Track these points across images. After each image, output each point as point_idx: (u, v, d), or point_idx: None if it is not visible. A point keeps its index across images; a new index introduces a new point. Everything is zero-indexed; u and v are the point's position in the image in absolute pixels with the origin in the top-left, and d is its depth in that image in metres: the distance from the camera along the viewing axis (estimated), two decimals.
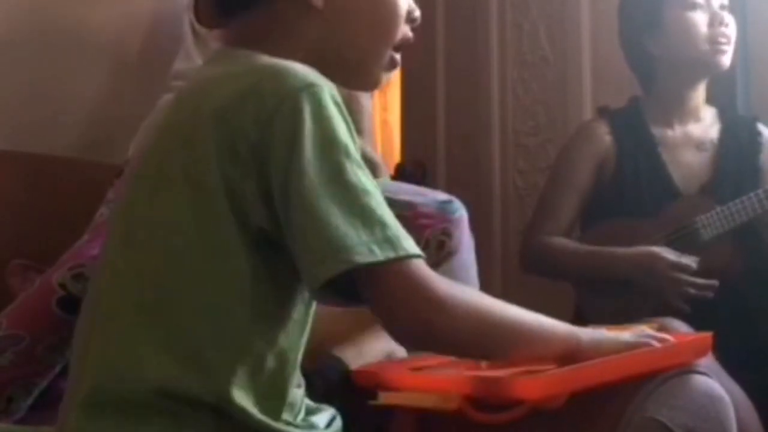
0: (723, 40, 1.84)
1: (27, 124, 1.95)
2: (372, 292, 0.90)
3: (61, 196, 1.90)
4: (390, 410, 1.07)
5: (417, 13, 1.10)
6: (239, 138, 0.90)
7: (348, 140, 0.91)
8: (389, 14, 1.06)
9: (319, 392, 1.13)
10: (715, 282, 1.77)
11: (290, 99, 0.90)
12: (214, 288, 0.91)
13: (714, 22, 1.84)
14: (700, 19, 1.84)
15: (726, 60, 1.86)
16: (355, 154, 0.91)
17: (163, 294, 0.91)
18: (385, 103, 3.19)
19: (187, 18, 1.86)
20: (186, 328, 0.90)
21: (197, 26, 1.82)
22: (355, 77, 1.10)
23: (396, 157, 2.98)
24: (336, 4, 1.03)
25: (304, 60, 0.99)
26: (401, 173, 2.65)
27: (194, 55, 1.81)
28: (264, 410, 0.92)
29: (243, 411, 0.90)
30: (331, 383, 1.17)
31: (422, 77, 2.68)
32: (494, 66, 2.57)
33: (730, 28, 1.85)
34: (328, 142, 0.90)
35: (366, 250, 0.87)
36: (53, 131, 1.98)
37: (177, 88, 1.76)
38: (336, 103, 0.92)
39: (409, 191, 1.70)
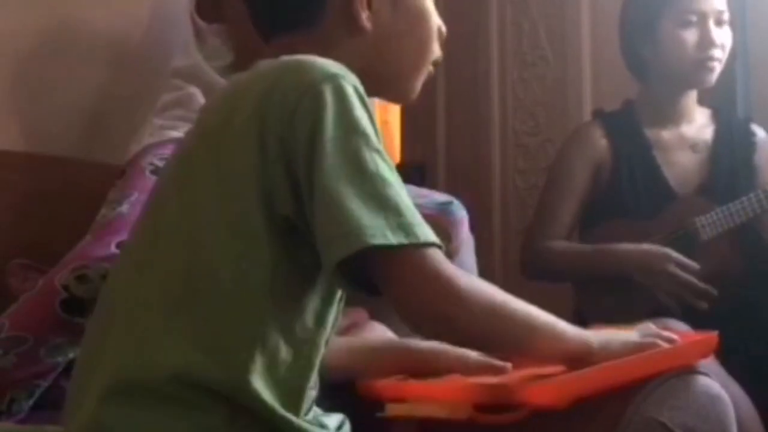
0: (709, 63, 1.86)
1: (27, 124, 1.94)
2: (385, 277, 0.91)
3: (61, 196, 1.90)
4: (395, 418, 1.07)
5: (443, 29, 1.15)
6: (267, 133, 0.92)
7: (369, 129, 0.93)
8: (427, 34, 1.11)
9: (324, 397, 1.13)
10: (712, 290, 1.77)
11: (312, 89, 0.92)
12: (234, 277, 0.92)
13: (703, 44, 1.85)
14: (690, 39, 1.86)
15: (711, 78, 1.88)
16: (376, 143, 0.93)
17: (189, 285, 0.93)
18: (385, 103, 3.19)
19: (188, 14, 1.85)
20: (207, 317, 0.92)
21: (198, 21, 1.81)
22: (393, 91, 1.14)
23: (396, 157, 2.98)
24: (381, 26, 1.07)
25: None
26: (402, 173, 2.65)
27: (194, 52, 1.81)
28: (281, 403, 0.92)
29: (259, 400, 0.91)
30: (335, 390, 1.16)
31: None
32: (494, 66, 2.57)
33: (721, 49, 1.87)
34: (348, 130, 0.92)
35: (380, 234, 0.88)
36: (53, 131, 1.98)
37: (176, 87, 1.77)
38: (359, 94, 0.94)
39: (409, 192, 1.69)
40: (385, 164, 0.92)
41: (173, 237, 0.95)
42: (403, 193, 0.92)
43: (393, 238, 0.88)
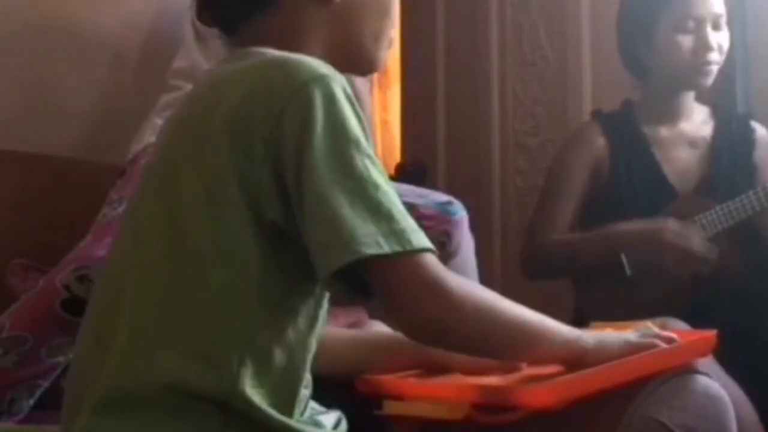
0: (705, 68, 1.87)
1: (27, 124, 1.95)
2: (380, 285, 0.90)
3: (61, 196, 1.90)
4: (393, 417, 1.07)
5: None
6: (253, 134, 0.91)
7: (359, 133, 0.92)
8: (389, 2, 1.09)
9: (323, 394, 1.13)
10: (714, 249, 1.78)
11: (301, 91, 0.90)
12: (223, 282, 0.91)
13: (699, 49, 1.86)
14: (686, 45, 1.86)
15: (708, 81, 1.89)
16: (366, 146, 0.92)
17: (177, 293, 0.92)
18: (385, 103, 3.19)
19: (189, 16, 1.86)
20: (196, 324, 0.91)
21: (198, 24, 1.82)
22: (360, 64, 1.11)
23: (396, 157, 2.98)
24: None
25: (321, 54, 1.00)
26: (402, 173, 2.65)
27: (195, 54, 1.81)
28: (275, 406, 0.92)
29: (251, 405, 0.90)
30: (334, 388, 1.16)
31: (422, 77, 2.68)
32: (494, 66, 2.57)
33: (718, 52, 1.87)
34: (338, 134, 0.90)
35: (373, 242, 0.87)
36: (53, 131, 1.98)
37: (177, 87, 1.77)
38: (347, 96, 0.93)
39: (409, 192, 1.70)
40: (377, 169, 0.91)
41: (157, 241, 0.93)
42: (395, 198, 0.91)
43: (386, 247, 0.87)
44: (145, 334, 0.91)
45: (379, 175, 0.91)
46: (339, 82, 0.93)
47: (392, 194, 0.91)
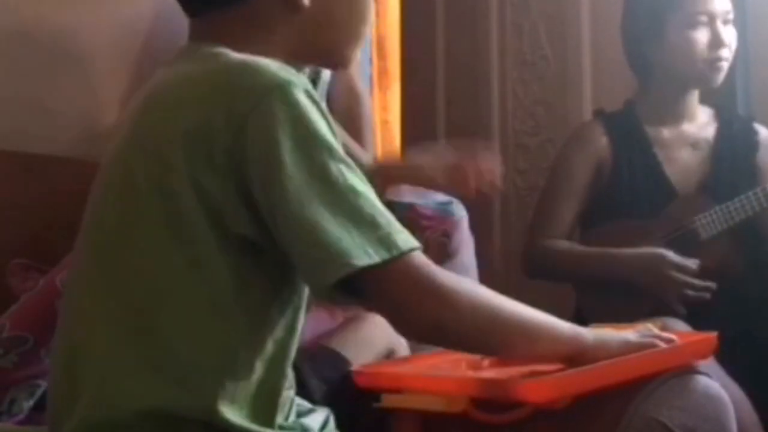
0: (718, 63, 1.87)
1: (26, 123, 1.94)
2: (374, 292, 0.89)
3: (61, 196, 1.89)
4: (392, 410, 1.07)
5: None
6: (212, 144, 0.88)
7: (329, 137, 0.90)
8: (364, 3, 1.06)
9: (319, 392, 1.13)
10: (712, 284, 1.78)
11: (263, 101, 0.88)
12: (193, 303, 0.89)
13: (714, 44, 1.86)
14: (701, 39, 1.86)
15: (720, 78, 1.89)
16: (339, 150, 0.90)
17: (143, 314, 0.90)
18: (385, 103, 3.19)
19: None
20: (169, 347, 0.89)
21: None
22: (330, 61, 1.10)
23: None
24: (320, 1, 1.01)
25: (282, 53, 0.98)
26: None
27: None
28: (256, 419, 0.91)
29: (231, 425, 0.89)
30: (333, 382, 1.17)
31: (422, 77, 2.68)
32: (494, 66, 2.57)
33: (729, 48, 1.87)
34: (308, 144, 0.88)
35: (362, 253, 0.86)
36: (52, 131, 1.98)
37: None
38: (311, 99, 0.90)
39: (409, 192, 1.70)
40: (353, 174, 0.89)
41: (120, 261, 0.91)
42: (375, 201, 0.90)
43: (376, 256, 0.86)
44: (117, 361, 0.90)
45: (355, 178, 0.89)
46: (301, 85, 0.90)
47: (371, 196, 0.90)
